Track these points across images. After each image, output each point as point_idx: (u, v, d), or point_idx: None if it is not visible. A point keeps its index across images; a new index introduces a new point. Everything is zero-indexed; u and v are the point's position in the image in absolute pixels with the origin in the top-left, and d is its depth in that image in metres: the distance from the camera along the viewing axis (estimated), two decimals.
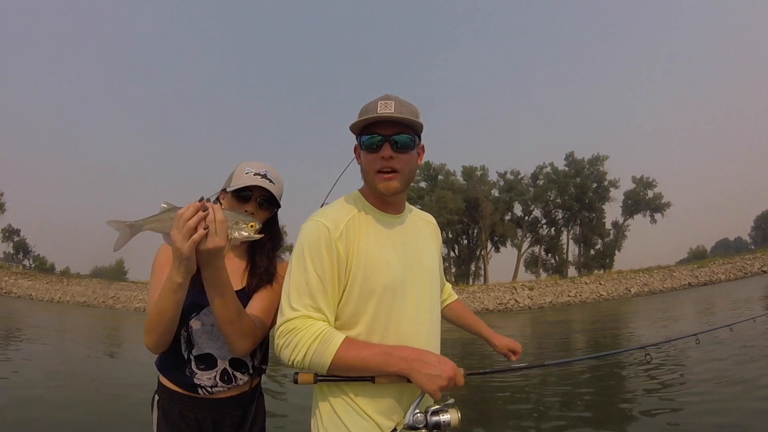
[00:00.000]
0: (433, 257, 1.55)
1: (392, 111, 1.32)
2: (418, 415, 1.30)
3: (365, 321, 1.34)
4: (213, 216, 1.29)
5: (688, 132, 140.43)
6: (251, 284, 1.67)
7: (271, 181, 1.66)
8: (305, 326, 1.26)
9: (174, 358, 1.63)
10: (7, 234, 74.94)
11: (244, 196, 1.64)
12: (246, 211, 1.61)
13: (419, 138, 1.42)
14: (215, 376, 1.62)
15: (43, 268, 61.97)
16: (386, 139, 1.34)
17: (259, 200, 1.66)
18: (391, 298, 1.35)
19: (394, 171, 1.36)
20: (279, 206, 1.75)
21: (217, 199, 1.72)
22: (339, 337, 1.26)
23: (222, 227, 1.31)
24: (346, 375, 1.30)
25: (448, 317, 1.93)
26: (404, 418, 1.31)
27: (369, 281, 1.33)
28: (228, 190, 1.65)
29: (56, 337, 15.23)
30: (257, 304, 1.62)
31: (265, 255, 1.70)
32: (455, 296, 1.98)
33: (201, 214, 1.28)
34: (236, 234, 1.38)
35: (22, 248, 77.33)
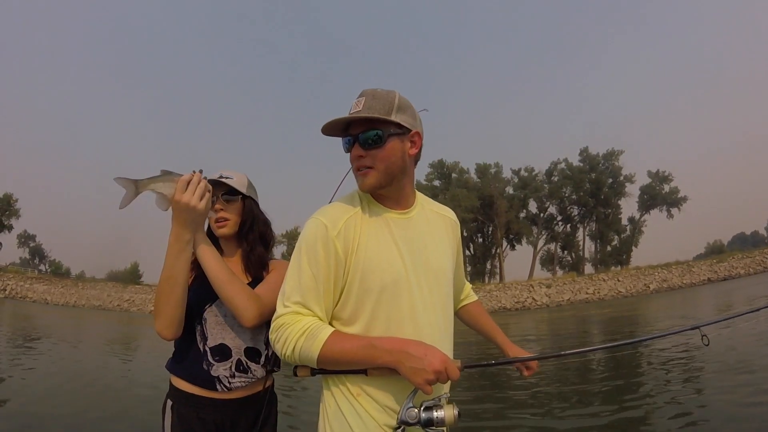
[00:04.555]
0: (443, 256, 1.49)
1: (360, 108, 1.31)
2: (412, 410, 1.24)
3: (363, 321, 1.32)
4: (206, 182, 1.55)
5: (702, 126, 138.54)
6: (252, 275, 1.77)
7: (227, 177, 1.77)
8: (294, 321, 1.27)
9: (190, 352, 1.68)
10: (22, 239, 76.03)
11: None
12: (215, 209, 1.75)
13: (399, 128, 1.35)
14: (231, 367, 1.66)
15: (58, 272, 62.44)
16: (355, 138, 1.34)
17: (223, 197, 1.77)
18: (391, 298, 1.32)
19: (368, 167, 1.34)
20: (242, 194, 1.81)
21: None
22: (326, 331, 1.25)
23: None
24: (337, 368, 1.30)
25: (462, 319, 1.88)
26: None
27: (367, 280, 1.31)
28: None
29: (69, 339, 15.13)
30: (266, 282, 1.72)
31: (249, 241, 1.81)
32: (474, 297, 1.89)
33: (204, 180, 1.54)
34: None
35: (37, 253, 78.47)
